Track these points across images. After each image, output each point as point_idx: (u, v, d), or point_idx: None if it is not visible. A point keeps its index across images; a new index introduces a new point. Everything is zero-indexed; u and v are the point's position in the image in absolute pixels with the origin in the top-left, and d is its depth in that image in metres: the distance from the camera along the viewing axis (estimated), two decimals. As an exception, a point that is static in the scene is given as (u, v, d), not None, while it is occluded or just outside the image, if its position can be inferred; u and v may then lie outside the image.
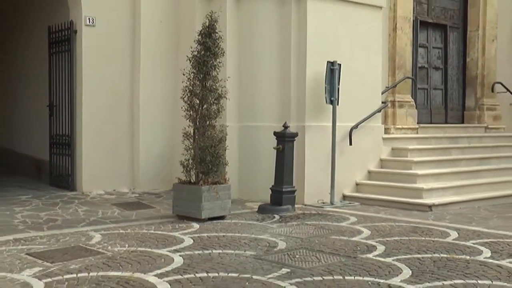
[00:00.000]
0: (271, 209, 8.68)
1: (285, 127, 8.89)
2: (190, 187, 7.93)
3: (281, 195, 8.75)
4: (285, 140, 8.83)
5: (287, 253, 6.06)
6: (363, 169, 10.37)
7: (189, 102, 8.03)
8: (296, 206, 8.95)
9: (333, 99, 9.56)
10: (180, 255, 5.87)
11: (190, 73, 8.04)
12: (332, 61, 9.54)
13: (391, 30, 11.71)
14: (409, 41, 11.98)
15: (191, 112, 8.03)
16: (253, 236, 6.96)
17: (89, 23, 9.94)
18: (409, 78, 11.90)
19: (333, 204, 9.51)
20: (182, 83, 8.26)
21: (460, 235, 7.13)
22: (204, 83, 7.99)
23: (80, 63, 9.97)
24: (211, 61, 7.99)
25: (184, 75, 8.15)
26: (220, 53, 8.07)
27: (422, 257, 5.93)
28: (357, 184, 10.24)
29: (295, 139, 9.00)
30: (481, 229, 7.61)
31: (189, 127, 8.10)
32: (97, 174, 10.07)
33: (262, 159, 9.59)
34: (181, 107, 8.22)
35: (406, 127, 11.58)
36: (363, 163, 10.35)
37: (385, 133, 10.98)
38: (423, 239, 6.91)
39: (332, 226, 7.74)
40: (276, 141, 8.87)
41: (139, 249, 6.17)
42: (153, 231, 7.16)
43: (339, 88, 9.59)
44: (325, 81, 9.54)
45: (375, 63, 10.58)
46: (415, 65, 12.55)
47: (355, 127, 9.99)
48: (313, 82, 9.61)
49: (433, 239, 6.88)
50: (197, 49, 8.03)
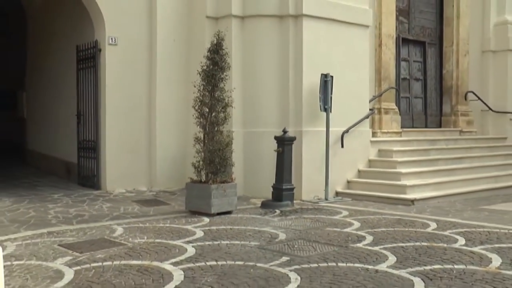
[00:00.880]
0: (273, 204, 8.66)
1: (284, 132, 8.88)
2: (201, 185, 7.92)
3: (281, 192, 8.73)
4: (285, 143, 8.82)
5: (287, 243, 6.05)
6: (354, 169, 10.34)
7: (199, 110, 8.02)
8: (294, 201, 8.93)
9: (326, 107, 9.54)
10: (192, 246, 5.86)
11: (200, 85, 8.03)
12: (325, 73, 9.53)
13: (377, 46, 11.70)
14: (393, 55, 11.97)
15: (201, 119, 8.03)
16: (257, 228, 6.95)
17: (112, 42, 9.95)
18: (393, 88, 11.89)
19: (327, 199, 9.48)
20: (193, 94, 8.25)
21: (438, 226, 7.12)
22: (212, 94, 7.98)
23: (104, 77, 9.97)
24: (219, 75, 7.98)
25: (195, 86, 8.15)
26: (226, 67, 8.07)
27: (405, 246, 5.92)
28: (348, 181, 10.21)
29: (293, 142, 8.98)
30: (457, 220, 7.59)
31: (199, 132, 8.09)
32: (119, 174, 10.06)
33: (264, 160, 9.57)
34: (193, 115, 8.22)
35: (391, 131, 11.56)
36: (354, 163, 10.32)
37: (373, 136, 10.96)
38: (407, 229, 6.89)
39: (326, 219, 7.72)
40: (276, 144, 8.86)
41: (156, 240, 6.17)
42: (168, 225, 7.16)
43: (331, 97, 9.57)
44: (319, 91, 9.52)
45: (363, 75, 10.57)
46: (398, 77, 12.53)
47: (346, 131, 9.97)
48: (309, 92, 9.60)
49: (415, 230, 6.86)
50: (206, 64, 8.03)
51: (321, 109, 9.55)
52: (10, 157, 14.67)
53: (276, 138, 8.90)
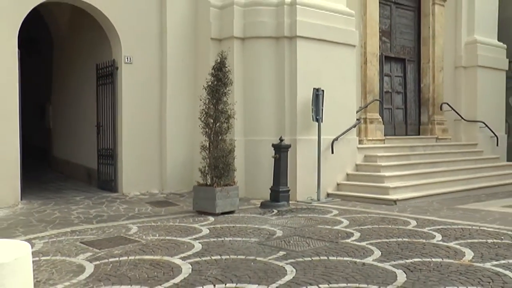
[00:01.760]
0: (271, 205, 8.64)
1: (281, 140, 8.88)
2: (206, 188, 7.90)
3: (278, 193, 8.72)
4: (281, 150, 8.81)
5: (283, 240, 6.03)
6: (343, 172, 10.33)
7: (205, 121, 8.01)
8: (290, 202, 8.92)
9: (318, 117, 9.55)
10: (199, 242, 5.85)
11: (205, 99, 8.03)
12: (317, 87, 9.55)
13: (363, 63, 11.71)
14: (377, 71, 11.98)
15: (207, 129, 8.02)
16: (257, 226, 6.93)
17: (128, 61, 9.96)
18: (377, 100, 11.89)
19: (319, 200, 9.47)
20: (199, 106, 8.25)
21: (418, 223, 7.10)
22: (216, 107, 7.98)
23: (120, 92, 9.99)
24: (222, 89, 7.98)
25: (201, 100, 8.15)
26: (229, 83, 8.06)
27: (389, 241, 5.90)
28: (338, 184, 10.20)
29: (289, 149, 8.98)
30: (435, 218, 7.58)
31: (205, 141, 8.08)
32: (134, 179, 10.04)
33: (263, 165, 9.56)
34: (199, 125, 8.21)
35: (375, 138, 11.56)
36: (343, 167, 10.32)
37: (359, 143, 10.95)
38: (390, 227, 6.87)
39: (318, 217, 7.70)
40: (273, 151, 8.86)
41: (167, 237, 6.15)
42: (177, 224, 7.14)
43: (323, 109, 9.58)
44: (312, 104, 9.54)
45: (351, 89, 10.58)
46: (382, 90, 12.53)
47: (336, 139, 9.97)
48: (303, 104, 9.60)
49: (397, 227, 6.85)
50: (211, 80, 8.03)
51: (313, 119, 9.56)
52: (39, 162, 14.74)
53: (273, 145, 8.89)
